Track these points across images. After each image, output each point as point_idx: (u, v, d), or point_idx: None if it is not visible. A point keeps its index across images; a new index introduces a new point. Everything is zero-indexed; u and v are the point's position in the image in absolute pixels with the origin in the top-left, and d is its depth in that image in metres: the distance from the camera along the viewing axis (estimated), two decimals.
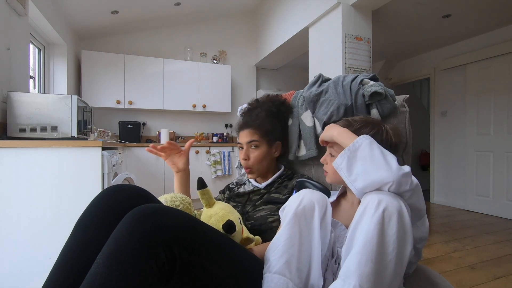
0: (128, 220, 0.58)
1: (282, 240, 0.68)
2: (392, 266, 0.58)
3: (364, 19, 2.71)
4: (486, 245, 2.37)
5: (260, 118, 1.09)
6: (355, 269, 0.57)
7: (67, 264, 0.68)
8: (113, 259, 0.53)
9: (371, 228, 0.59)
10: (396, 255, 0.58)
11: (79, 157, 1.56)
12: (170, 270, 0.56)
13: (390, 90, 0.97)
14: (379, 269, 0.57)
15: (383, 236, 0.59)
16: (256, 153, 1.06)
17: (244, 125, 1.10)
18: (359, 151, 0.68)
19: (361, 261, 0.57)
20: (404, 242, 0.60)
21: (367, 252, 0.57)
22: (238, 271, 0.67)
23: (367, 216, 0.61)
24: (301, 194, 0.73)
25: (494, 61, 3.46)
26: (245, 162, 1.07)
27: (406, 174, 0.63)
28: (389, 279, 0.58)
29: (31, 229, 1.49)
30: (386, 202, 0.61)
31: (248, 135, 1.07)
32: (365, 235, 0.59)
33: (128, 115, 4.00)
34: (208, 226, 0.69)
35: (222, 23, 4.44)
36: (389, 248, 0.58)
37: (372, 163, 0.65)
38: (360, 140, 0.70)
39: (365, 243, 0.58)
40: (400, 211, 0.60)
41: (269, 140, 1.09)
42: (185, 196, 0.86)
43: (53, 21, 2.74)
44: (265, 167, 1.09)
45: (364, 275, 0.56)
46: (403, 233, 0.60)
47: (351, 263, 0.58)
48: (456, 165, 3.89)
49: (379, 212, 0.60)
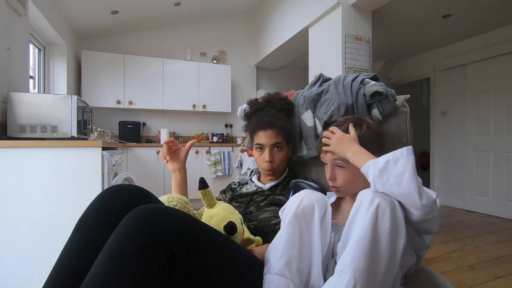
0: (129, 220, 0.58)
1: (282, 241, 0.68)
2: (386, 259, 0.59)
3: (364, 19, 2.71)
4: (486, 245, 2.37)
5: (282, 118, 1.06)
6: (349, 264, 0.58)
7: (67, 264, 0.68)
8: (113, 259, 0.53)
9: (365, 224, 0.60)
10: (389, 248, 0.60)
11: (79, 157, 1.56)
12: (171, 270, 0.56)
13: (391, 90, 0.97)
14: (372, 263, 0.58)
15: (377, 231, 0.60)
16: (280, 154, 1.05)
17: (267, 125, 1.04)
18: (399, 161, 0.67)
19: (355, 256, 0.59)
20: (397, 236, 0.61)
21: (361, 247, 0.59)
22: (238, 272, 0.67)
23: (361, 212, 0.63)
24: (301, 194, 0.73)
25: (494, 61, 3.46)
26: (269, 164, 1.03)
27: (434, 202, 0.63)
28: (382, 272, 0.59)
29: (31, 229, 1.49)
30: (380, 198, 0.62)
31: (273, 136, 1.03)
32: (359, 231, 0.61)
33: (128, 115, 3.99)
34: (209, 227, 0.69)
35: (222, 23, 4.44)
36: (382, 242, 0.60)
37: (407, 177, 0.64)
38: (400, 153, 0.68)
39: (359, 239, 0.60)
40: (393, 206, 0.62)
41: (288, 141, 1.09)
42: (182, 196, 0.86)
43: (53, 21, 2.74)
44: (283, 168, 1.09)
45: (358, 269, 0.57)
46: (396, 228, 0.61)
47: (345, 258, 0.60)
48: (456, 165, 3.89)
49: (373, 208, 0.61)
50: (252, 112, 1.12)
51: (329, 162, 0.85)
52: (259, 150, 1.07)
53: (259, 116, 1.08)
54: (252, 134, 1.09)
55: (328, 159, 0.85)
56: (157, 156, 3.52)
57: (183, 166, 1.08)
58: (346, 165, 0.82)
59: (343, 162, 0.82)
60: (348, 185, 0.84)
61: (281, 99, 1.14)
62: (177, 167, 1.07)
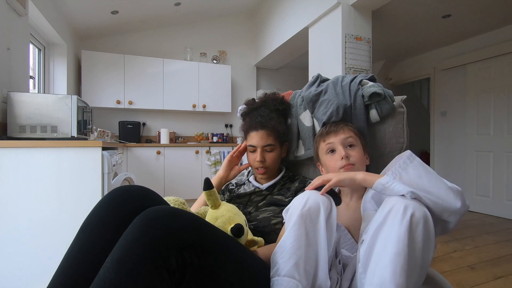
0: (138, 223, 0.57)
1: (289, 242, 0.67)
2: (417, 273, 0.58)
3: (364, 19, 2.71)
4: (486, 245, 2.37)
5: (274, 118, 1.06)
6: (391, 279, 0.57)
7: (71, 267, 0.66)
8: (122, 264, 0.52)
9: (402, 235, 0.58)
10: (421, 262, 0.59)
11: (79, 157, 1.56)
12: (181, 276, 0.54)
13: (389, 91, 0.97)
14: (408, 277, 0.57)
15: (413, 244, 0.58)
16: (271, 154, 1.05)
17: (259, 125, 1.05)
18: (413, 164, 0.68)
19: (396, 271, 0.57)
20: (428, 249, 0.60)
21: (400, 262, 0.57)
22: (246, 275, 0.67)
23: (394, 221, 0.60)
24: (305, 195, 0.73)
25: (494, 61, 3.45)
26: (261, 163, 1.04)
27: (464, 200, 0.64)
28: (413, 286, 0.59)
29: (31, 229, 1.49)
30: (413, 207, 0.60)
31: (264, 136, 1.04)
32: (396, 243, 0.58)
33: (128, 115, 4.00)
34: (217, 229, 0.68)
35: (222, 23, 4.44)
36: (417, 255, 0.58)
37: (434, 180, 0.65)
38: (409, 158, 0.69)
39: (397, 252, 0.58)
40: (426, 217, 0.60)
41: (281, 142, 1.09)
42: (178, 198, 0.86)
43: (53, 21, 2.74)
44: (276, 168, 1.10)
45: (399, 285, 0.56)
46: (428, 240, 0.60)
47: (386, 272, 0.58)
48: (456, 165, 3.89)
49: (407, 218, 0.59)
50: (247, 112, 1.13)
51: (339, 143, 0.89)
52: (251, 150, 1.07)
53: (253, 116, 1.09)
54: (246, 135, 1.10)
55: (338, 140, 0.89)
56: (157, 156, 3.53)
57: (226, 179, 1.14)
58: (356, 142, 0.88)
59: (354, 140, 0.88)
60: (360, 162, 0.87)
61: (276, 99, 1.14)
62: (230, 176, 1.14)
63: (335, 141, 0.90)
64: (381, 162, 1.01)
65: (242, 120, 1.17)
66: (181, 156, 3.66)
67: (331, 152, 0.91)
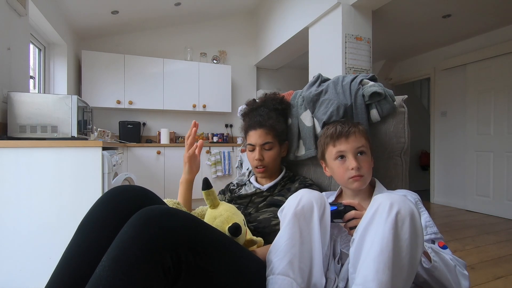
0: (134, 222, 0.57)
1: (284, 240, 0.68)
2: (405, 271, 0.58)
3: (364, 19, 2.71)
4: (486, 245, 2.37)
5: (273, 117, 1.07)
6: (373, 277, 0.56)
7: (69, 266, 0.67)
8: (118, 262, 0.53)
9: (386, 233, 0.58)
10: (409, 259, 0.58)
11: (79, 157, 1.56)
12: (176, 275, 0.55)
13: (389, 90, 0.97)
14: (394, 276, 0.57)
15: (398, 241, 0.58)
16: (270, 153, 1.05)
17: (257, 125, 1.05)
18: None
19: (379, 269, 0.56)
20: (416, 245, 0.59)
21: (384, 259, 0.57)
22: (242, 274, 0.67)
23: (379, 219, 0.60)
24: (299, 194, 0.73)
25: (494, 61, 3.45)
26: (260, 162, 1.04)
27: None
28: (402, 284, 0.58)
29: (31, 229, 1.49)
30: (399, 205, 0.59)
31: (262, 135, 1.04)
32: (380, 241, 0.58)
33: (128, 115, 4.00)
34: (214, 229, 0.68)
35: (222, 23, 4.44)
36: (402, 253, 0.58)
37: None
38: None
39: (381, 250, 0.57)
40: (412, 214, 0.59)
41: (280, 140, 1.09)
42: (172, 199, 0.86)
43: (53, 21, 2.74)
44: (276, 167, 1.09)
45: (383, 283, 0.56)
46: (415, 237, 0.59)
47: (368, 270, 0.57)
48: (456, 165, 3.89)
49: (392, 216, 0.58)
50: (247, 113, 1.14)
51: (351, 151, 0.85)
52: (250, 149, 1.08)
53: (252, 116, 1.10)
54: (245, 134, 1.11)
55: (349, 149, 0.85)
56: (157, 156, 3.53)
57: (194, 175, 1.07)
58: (367, 149, 0.86)
59: (366, 148, 0.86)
60: (369, 172, 0.85)
61: (276, 99, 1.15)
62: (195, 172, 1.06)
63: (347, 150, 0.86)
64: (381, 162, 1.01)
65: (242, 121, 1.17)
66: (181, 156, 3.66)
67: (340, 158, 0.87)
